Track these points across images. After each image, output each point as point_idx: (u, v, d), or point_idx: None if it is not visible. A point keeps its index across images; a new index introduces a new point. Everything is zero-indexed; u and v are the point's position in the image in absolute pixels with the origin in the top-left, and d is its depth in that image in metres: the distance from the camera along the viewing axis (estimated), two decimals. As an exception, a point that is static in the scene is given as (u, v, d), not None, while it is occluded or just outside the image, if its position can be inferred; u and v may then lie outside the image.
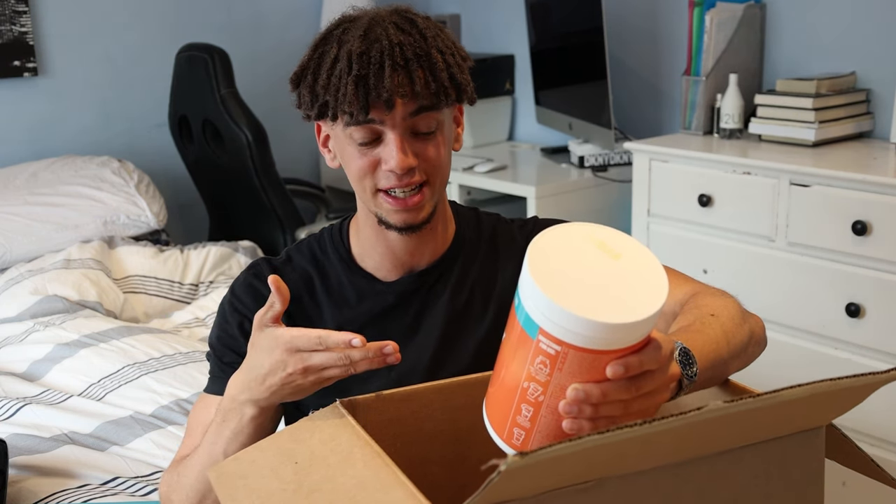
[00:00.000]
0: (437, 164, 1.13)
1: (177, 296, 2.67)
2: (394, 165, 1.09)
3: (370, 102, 1.07)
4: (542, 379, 0.79)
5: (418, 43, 1.09)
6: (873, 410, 1.59)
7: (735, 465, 0.86)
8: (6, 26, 3.05)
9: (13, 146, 3.14)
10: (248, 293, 1.21)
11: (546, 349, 0.77)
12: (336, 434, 0.91)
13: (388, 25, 1.09)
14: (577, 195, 2.85)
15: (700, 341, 0.96)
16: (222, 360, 1.21)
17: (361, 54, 1.07)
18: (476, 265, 1.24)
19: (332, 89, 1.08)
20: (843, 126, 2.36)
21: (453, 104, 1.14)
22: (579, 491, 0.78)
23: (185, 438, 1.21)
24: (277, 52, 3.54)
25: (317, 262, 1.23)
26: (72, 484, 1.68)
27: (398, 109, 1.08)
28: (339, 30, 1.12)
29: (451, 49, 1.13)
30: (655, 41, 2.93)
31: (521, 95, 3.45)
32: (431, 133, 1.12)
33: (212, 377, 1.23)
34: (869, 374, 0.81)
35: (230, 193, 3.12)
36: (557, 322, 0.75)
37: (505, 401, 0.83)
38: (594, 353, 0.76)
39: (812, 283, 2.12)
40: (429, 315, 1.21)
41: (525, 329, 0.79)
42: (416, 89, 1.07)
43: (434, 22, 1.15)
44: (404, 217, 1.14)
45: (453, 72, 1.11)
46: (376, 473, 0.83)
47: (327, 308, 1.21)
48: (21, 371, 2.18)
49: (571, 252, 0.81)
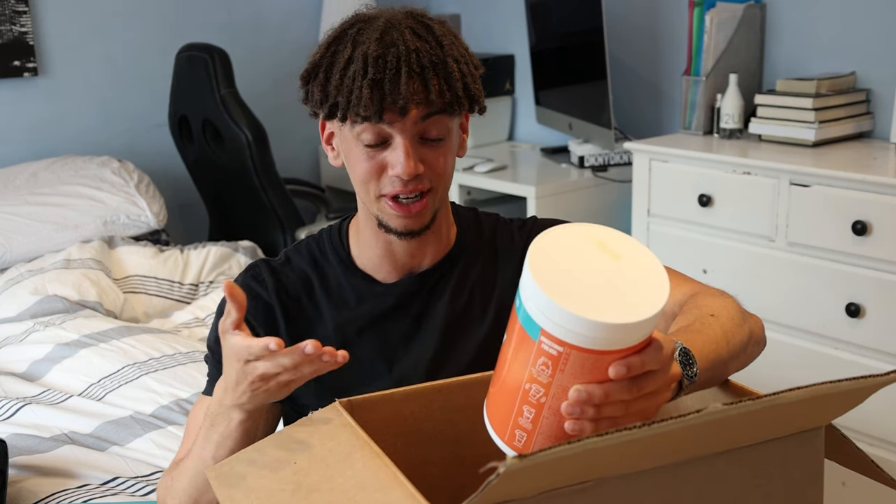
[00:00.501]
0: (443, 173, 1.13)
1: (177, 296, 2.67)
2: (400, 171, 1.08)
3: (384, 108, 1.06)
4: (544, 380, 0.78)
5: (435, 50, 1.08)
6: (872, 410, 1.59)
7: (735, 465, 0.86)
8: (6, 26, 3.05)
9: (13, 146, 3.14)
10: (246, 295, 1.21)
11: (548, 350, 0.77)
12: (335, 434, 0.91)
13: (405, 30, 1.09)
14: (577, 195, 2.85)
15: (700, 341, 0.96)
16: (220, 362, 1.21)
17: (378, 58, 1.06)
18: (476, 267, 1.24)
19: (346, 91, 1.07)
20: (843, 126, 2.36)
21: (464, 113, 1.13)
22: (578, 491, 0.78)
23: (184, 440, 1.21)
24: (277, 51, 3.54)
25: (316, 263, 1.23)
26: (72, 484, 1.68)
27: (411, 117, 1.07)
28: (354, 29, 1.11)
29: (465, 58, 1.12)
30: (655, 41, 2.93)
31: (521, 95, 3.45)
32: (440, 140, 1.11)
33: (209, 379, 1.23)
34: (869, 377, 0.81)
35: (230, 193, 3.12)
36: (559, 323, 0.75)
37: (506, 402, 0.83)
38: (596, 354, 0.76)
39: (812, 283, 2.12)
40: (429, 317, 1.21)
41: (526, 330, 0.78)
42: (431, 97, 1.06)
43: (449, 28, 1.14)
44: (405, 223, 1.13)
45: (467, 81, 1.11)
46: (375, 474, 0.83)
47: (326, 309, 1.21)
48: (21, 371, 2.18)
49: (572, 252, 0.81)
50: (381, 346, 1.20)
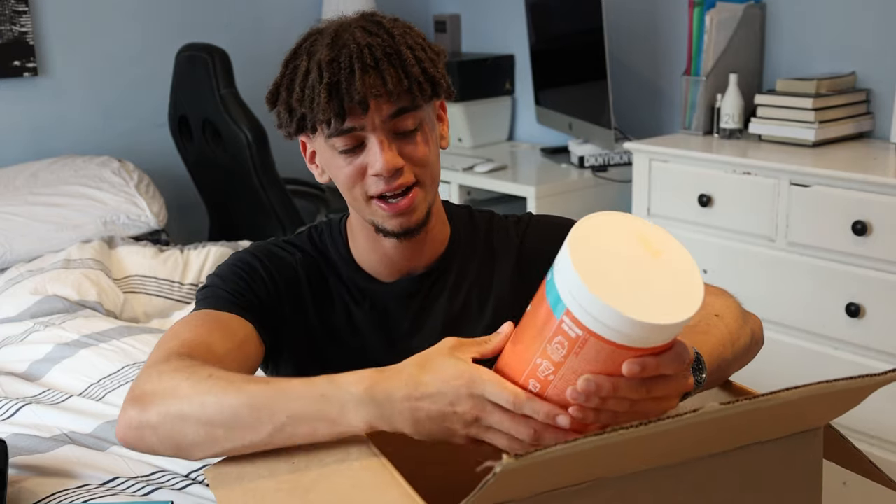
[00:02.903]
0: (425, 163, 1.12)
1: (177, 296, 2.67)
2: (380, 168, 1.08)
3: (345, 107, 1.06)
4: (556, 359, 0.78)
5: (386, 42, 1.09)
6: (872, 410, 1.58)
7: (733, 466, 0.86)
8: (6, 26, 3.05)
9: (13, 146, 3.14)
10: (272, 258, 1.19)
11: (567, 331, 0.77)
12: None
13: (355, 30, 1.09)
14: (577, 195, 2.85)
15: (709, 344, 0.96)
16: (227, 286, 1.15)
17: (331, 61, 1.07)
18: (472, 266, 1.24)
19: (307, 101, 1.08)
20: (843, 126, 2.36)
21: (431, 99, 1.12)
22: (576, 492, 0.78)
23: (186, 329, 1.06)
24: (278, 52, 3.48)
25: (319, 252, 1.23)
26: (72, 484, 1.68)
27: (374, 111, 1.07)
28: (308, 42, 1.13)
29: (420, 45, 1.12)
30: (655, 41, 2.93)
31: (521, 95, 3.45)
32: (413, 131, 1.11)
33: (212, 297, 1.13)
34: (866, 376, 0.81)
35: (230, 193, 3.12)
36: (586, 308, 0.75)
37: (515, 369, 0.83)
38: (614, 347, 0.76)
39: (812, 283, 2.12)
40: (428, 317, 1.21)
41: (551, 305, 0.78)
42: (389, 88, 1.07)
43: (402, 21, 1.14)
44: (400, 221, 1.13)
45: (425, 66, 1.10)
46: (373, 474, 0.83)
47: (338, 298, 1.21)
48: (21, 371, 2.17)
49: (613, 241, 0.80)
50: (384, 344, 1.20)
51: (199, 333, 1.04)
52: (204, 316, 1.09)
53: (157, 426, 0.92)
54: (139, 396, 0.94)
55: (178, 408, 0.91)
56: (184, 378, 0.93)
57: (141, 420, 0.92)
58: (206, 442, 0.90)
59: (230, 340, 1.06)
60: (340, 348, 1.20)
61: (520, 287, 1.21)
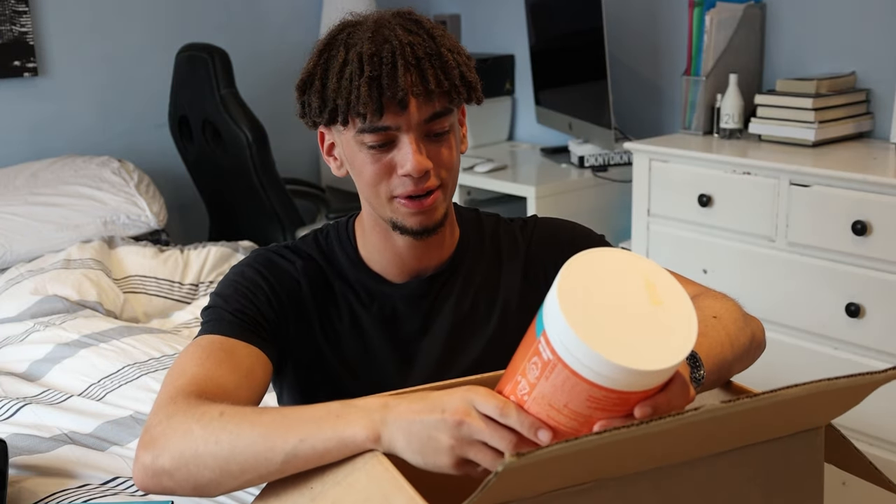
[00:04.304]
0: (451, 167, 1.12)
1: (177, 296, 2.67)
2: (410, 169, 1.07)
3: (384, 103, 1.05)
4: (531, 379, 0.79)
5: (427, 43, 1.08)
6: (871, 410, 1.59)
7: (734, 465, 0.86)
8: (6, 26, 3.05)
9: (13, 146, 3.14)
10: (272, 267, 1.18)
11: (542, 352, 0.77)
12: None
13: (396, 27, 1.09)
14: (577, 195, 2.85)
15: (706, 344, 0.96)
16: (226, 299, 1.14)
17: (373, 55, 1.05)
18: (480, 268, 1.23)
19: (344, 92, 1.06)
20: (843, 126, 2.36)
21: (462, 103, 1.13)
22: (578, 492, 0.78)
23: (192, 363, 1.05)
24: (278, 52, 3.53)
25: (325, 256, 1.22)
26: (72, 484, 1.68)
27: (412, 110, 1.06)
28: (344, 34, 1.10)
29: (457, 49, 1.12)
30: (655, 41, 2.93)
31: (521, 95, 3.45)
32: (445, 133, 1.10)
33: (216, 321, 1.13)
34: (867, 374, 0.81)
35: (230, 193, 3.12)
36: (556, 332, 0.75)
37: (502, 383, 0.84)
38: (579, 379, 0.75)
39: (812, 283, 2.12)
40: (436, 319, 1.21)
41: (536, 325, 0.79)
42: (431, 87, 1.06)
43: (437, 23, 1.15)
44: (420, 219, 1.11)
45: (463, 70, 1.10)
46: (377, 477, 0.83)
47: (343, 301, 1.20)
48: (21, 371, 2.18)
49: (615, 278, 0.78)
50: (391, 346, 1.20)
51: (207, 368, 1.04)
52: (209, 346, 1.08)
53: (172, 471, 0.92)
54: (151, 441, 0.94)
55: (193, 450, 0.91)
56: (195, 420, 0.93)
57: (156, 466, 0.93)
58: (223, 479, 0.91)
59: (237, 371, 1.05)
60: (346, 353, 1.20)
61: (526, 290, 1.21)
